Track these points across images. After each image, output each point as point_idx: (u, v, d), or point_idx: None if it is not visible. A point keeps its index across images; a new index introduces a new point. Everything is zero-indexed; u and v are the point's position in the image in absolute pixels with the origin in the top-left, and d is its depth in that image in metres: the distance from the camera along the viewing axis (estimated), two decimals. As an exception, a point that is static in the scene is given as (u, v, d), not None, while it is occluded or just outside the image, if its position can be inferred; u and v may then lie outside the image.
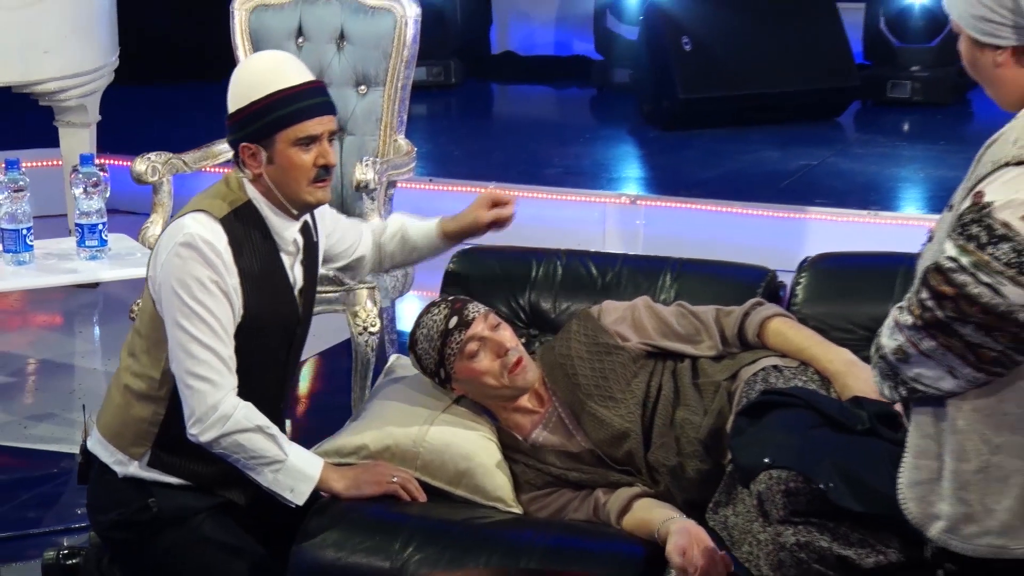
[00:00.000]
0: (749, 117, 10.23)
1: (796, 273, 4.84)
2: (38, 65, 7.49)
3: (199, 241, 4.31)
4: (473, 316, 4.50)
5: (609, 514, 4.37)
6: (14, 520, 5.74)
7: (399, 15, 6.39)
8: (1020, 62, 3.16)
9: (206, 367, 4.31)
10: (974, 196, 3.06)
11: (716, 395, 4.48)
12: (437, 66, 11.48)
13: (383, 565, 4.28)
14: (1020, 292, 2.97)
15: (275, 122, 4.34)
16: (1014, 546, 3.18)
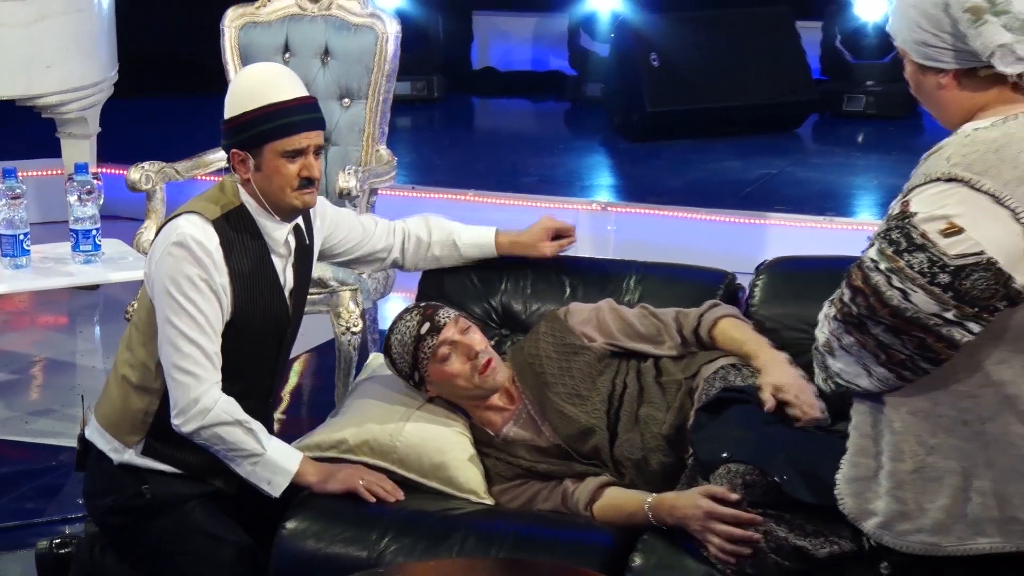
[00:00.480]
0: (713, 129, 10.20)
1: (754, 276, 4.79)
2: (41, 79, 7.45)
3: (191, 241, 4.29)
4: (444, 321, 4.46)
5: (578, 503, 4.31)
6: (14, 510, 5.69)
7: (380, 32, 6.34)
8: (961, 85, 3.10)
9: (191, 361, 4.29)
10: (903, 204, 3.02)
11: (678, 392, 4.43)
12: (421, 81, 11.44)
13: (361, 555, 4.24)
14: (927, 300, 2.93)
15: (264, 133, 4.33)
16: (946, 544, 3.13)
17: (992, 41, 3.01)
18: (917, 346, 2.98)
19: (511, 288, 4.94)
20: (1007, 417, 3.07)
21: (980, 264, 2.92)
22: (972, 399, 3.07)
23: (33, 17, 7.35)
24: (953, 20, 3.03)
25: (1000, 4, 3.02)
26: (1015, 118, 3.06)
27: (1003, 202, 2.95)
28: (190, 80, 9.65)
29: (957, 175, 2.98)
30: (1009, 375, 3.05)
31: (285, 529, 4.33)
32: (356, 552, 4.25)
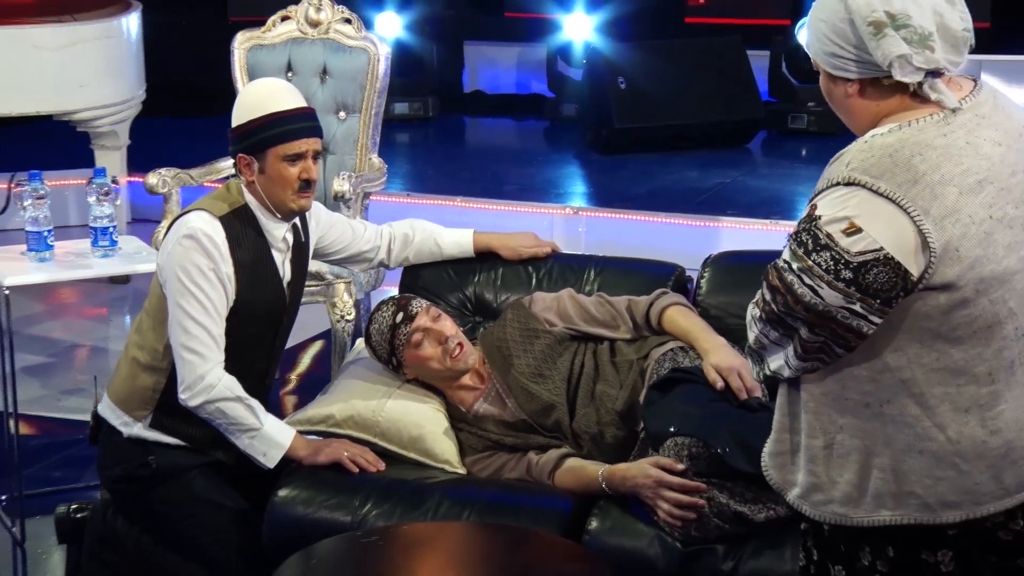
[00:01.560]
0: (673, 143, 10.09)
1: (700, 269, 4.69)
2: (75, 97, 7.36)
3: (200, 234, 4.23)
4: (416, 310, 4.38)
5: (541, 472, 4.22)
6: (42, 479, 5.58)
7: (372, 53, 6.26)
8: (865, 94, 2.98)
9: (197, 342, 4.20)
10: (809, 207, 2.92)
11: (630, 372, 4.33)
12: (417, 102, 11.35)
13: (345, 519, 4.14)
14: (834, 295, 2.82)
15: (267, 139, 4.27)
16: (854, 515, 3.02)
17: (891, 52, 2.89)
18: (830, 335, 2.87)
19: (483, 280, 4.82)
20: (903, 400, 2.96)
21: (879, 260, 2.81)
22: (872, 383, 2.96)
23: (68, 41, 7.27)
24: (857, 33, 2.91)
25: (900, 19, 2.89)
26: (909, 124, 2.93)
27: (897, 203, 2.83)
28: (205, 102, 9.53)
29: (856, 179, 2.87)
30: (904, 361, 2.94)
31: (277, 497, 4.23)
32: (340, 517, 4.15)
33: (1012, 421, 2.98)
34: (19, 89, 7.18)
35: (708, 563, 3.87)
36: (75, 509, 4.68)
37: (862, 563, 3.08)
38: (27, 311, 7.48)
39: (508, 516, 4.03)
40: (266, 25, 6.34)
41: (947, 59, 2.91)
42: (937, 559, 3.01)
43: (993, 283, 2.88)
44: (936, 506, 2.95)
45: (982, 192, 2.87)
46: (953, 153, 2.88)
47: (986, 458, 2.96)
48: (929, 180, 2.83)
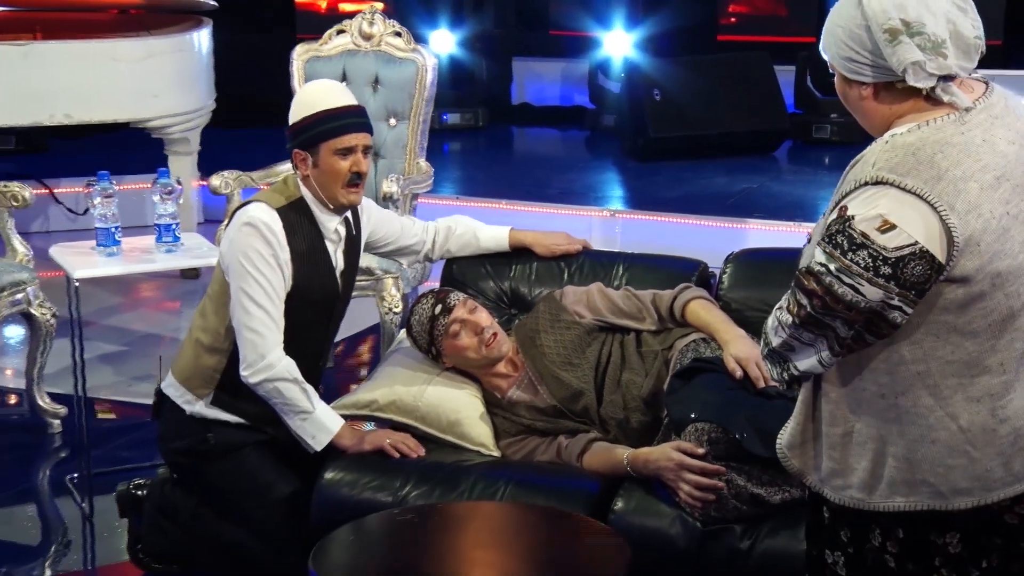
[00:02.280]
0: (704, 151, 9.99)
1: (723, 265, 4.58)
2: (149, 106, 7.34)
3: (259, 222, 4.18)
4: (454, 303, 4.30)
5: (570, 455, 4.13)
6: (111, 459, 5.50)
7: (420, 64, 6.18)
8: (879, 97, 2.87)
9: (259, 323, 4.16)
10: (839, 210, 2.79)
11: (655, 361, 4.23)
12: (469, 113, 11.31)
13: (387, 499, 4.06)
14: (875, 291, 2.71)
15: (321, 134, 4.22)
16: (870, 500, 2.93)
17: (906, 59, 2.79)
18: (865, 327, 2.77)
19: (518, 274, 4.72)
20: (917, 391, 2.86)
21: (916, 253, 2.70)
22: (889, 375, 2.86)
23: (144, 54, 7.25)
24: (873, 39, 2.81)
25: (915, 26, 2.80)
26: (928, 124, 2.82)
27: (925, 198, 2.72)
28: (271, 113, 9.48)
29: (883, 178, 2.76)
30: (920, 354, 2.83)
31: (324, 479, 4.15)
32: (383, 497, 4.07)
33: (1020, 409, 2.87)
34: (99, 97, 7.16)
35: (726, 542, 3.78)
36: (135, 486, 4.63)
37: (872, 544, 2.99)
38: (106, 303, 7.47)
39: (539, 496, 3.93)
40: (323, 38, 6.29)
41: (959, 65, 2.82)
42: (945, 540, 2.92)
43: (1009, 277, 2.78)
44: (948, 493, 2.86)
45: (1000, 188, 2.78)
46: (972, 150, 2.78)
47: (996, 445, 2.86)
48: (952, 176, 2.73)
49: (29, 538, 5.10)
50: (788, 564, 3.60)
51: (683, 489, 3.79)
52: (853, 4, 2.84)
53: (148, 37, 7.38)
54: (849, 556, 3.03)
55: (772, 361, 2.95)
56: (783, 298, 2.89)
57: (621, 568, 3.34)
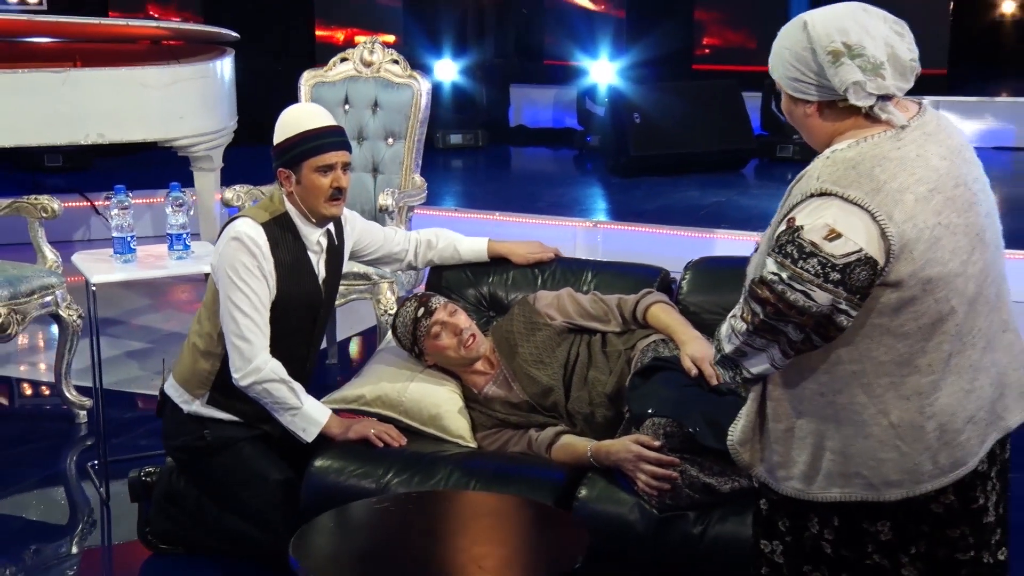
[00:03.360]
0: (679, 168, 9.88)
1: (683, 272, 4.44)
2: (176, 127, 7.17)
3: (245, 237, 4.06)
4: (436, 306, 4.18)
5: (540, 446, 3.99)
6: (129, 447, 5.36)
7: (416, 89, 6.01)
8: (823, 115, 2.78)
9: (245, 330, 4.04)
10: (787, 221, 2.68)
11: (619, 360, 4.09)
12: (469, 134, 11.22)
13: (371, 486, 3.92)
14: (825, 296, 2.62)
15: (302, 153, 4.09)
16: (810, 490, 2.84)
17: (848, 79, 2.70)
18: (815, 331, 2.67)
19: (496, 280, 4.58)
20: (853, 390, 2.77)
21: (861, 260, 2.61)
22: (827, 375, 2.77)
23: (170, 80, 7.10)
24: (818, 61, 2.71)
25: (856, 49, 2.71)
26: (866, 140, 2.73)
27: (866, 208, 2.64)
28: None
29: (828, 189, 2.66)
30: (856, 355, 2.74)
31: (313, 467, 4.02)
32: (367, 484, 3.93)
33: (946, 406, 2.78)
34: (130, 120, 7.02)
35: (680, 528, 3.65)
36: (145, 473, 4.51)
37: (810, 532, 2.90)
38: (137, 304, 7.37)
39: (510, 485, 3.79)
40: (328, 65, 6.14)
41: (896, 85, 2.73)
42: (877, 528, 2.85)
43: (939, 283, 2.69)
44: (880, 485, 2.78)
45: (932, 200, 2.69)
46: (907, 164, 2.69)
47: (923, 441, 2.77)
48: (889, 188, 2.65)
49: (55, 518, 4.99)
50: (737, 548, 3.47)
51: (641, 479, 3.67)
52: (799, 28, 2.75)
53: (175, 65, 7.24)
54: (787, 544, 2.94)
55: (724, 366, 2.85)
56: (736, 307, 2.79)
57: (580, 552, 3.21)
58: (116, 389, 6.08)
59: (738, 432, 2.95)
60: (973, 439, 2.82)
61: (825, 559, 2.88)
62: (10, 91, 6.65)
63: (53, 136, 6.95)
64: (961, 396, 2.79)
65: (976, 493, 2.87)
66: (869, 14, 2.75)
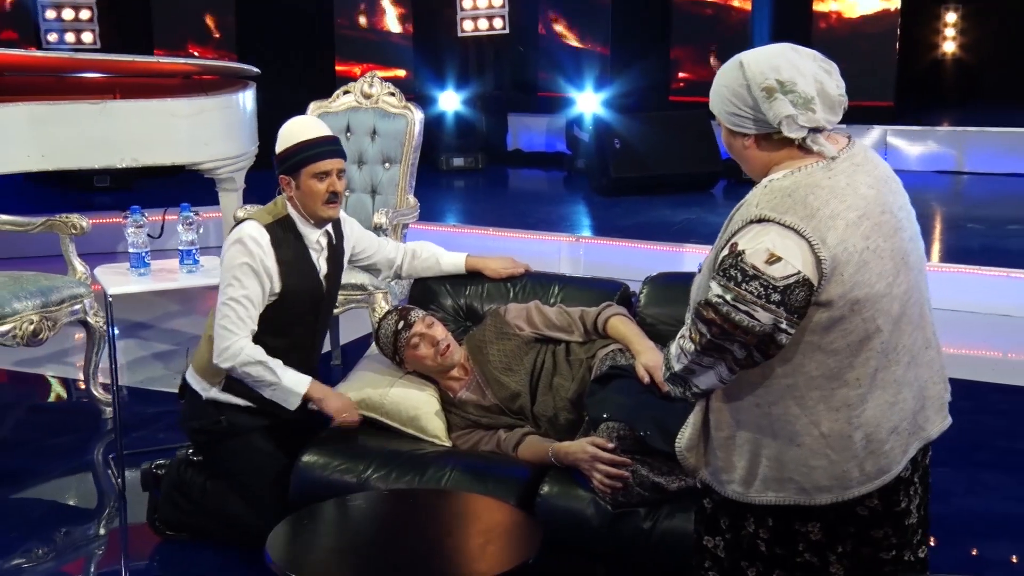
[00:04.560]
0: (654, 189, 9.70)
1: (641, 286, 4.26)
2: (201, 152, 7.03)
3: (247, 238, 3.94)
4: (414, 320, 4.01)
5: (508, 446, 3.83)
6: (148, 440, 5.20)
7: (410, 119, 5.86)
8: (759, 146, 2.66)
9: (228, 320, 3.93)
10: (730, 247, 2.56)
11: (580, 368, 3.92)
12: (470, 157, 11.08)
13: (352, 480, 3.77)
14: (768, 315, 2.50)
15: (301, 161, 3.97)
16: (748, 494, 2.73)
17: (781, 113, 2.58)
18: (757, 348, 2.55)
19: (472, 292, 4.40)
20: (787, 402, 2.64)
21: (799, 281, 2.49)
22: (764, 388, 2.65)
23: (196, 111, 6.98)
24: (753, 97, 2.60)
25: (788, 85, 2.59)
26: (800, 170, 2.61)
27: (801, 233, 2.52)
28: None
29: (766, 216, 2.55)
30: (789, 370, 2.62)
31: (300, 461, 3.88)
32: (349, 479, 3.77)
33: (872, 418, 2.65)
34: (159, 146, 6.90)
35: (632, 522, 3.49)
36: (156, 465, 4.36)
37: (747, 531, 2.78)
38: (166, 310, 7.19)
39: (479, 481, 3.63)
40: (332, 97, 5.99)
41: (826, 118, 2.61)
42: (808, 529, 2.73)
43: (866, 304, 2.56)
44: (811, 490, 2.67)
45: (861, 226, 2.56)
46: (838, 192, 2.57)
47: (851, 450, 2.65)
48: (822, 215, 2.53)
49: (79, 504, 4.85)
50: (683, 542, 3.30)
51: (596, 477, 3.51)
52: (735, 67, 2.64)
53: (201, 97, 7.09)
54: (727, 541, 2.82)
55: (674, 383, 2.72)
56: (684, 328, 2.67)
57: (535, 547, 3.05)
58: (142, 387, 5.96)
59: (685, 439, 2.83)
60: (897, 448, 2.71)
61: (760, 556, 2.78)
62: (54, 120, 6.57)
63: (92, 160, 6.84)
64: (886, 408, 2.67)
65: (899, 497, 2.77)
66: (799, 53, 2.64)
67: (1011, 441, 5.14)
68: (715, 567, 2.85)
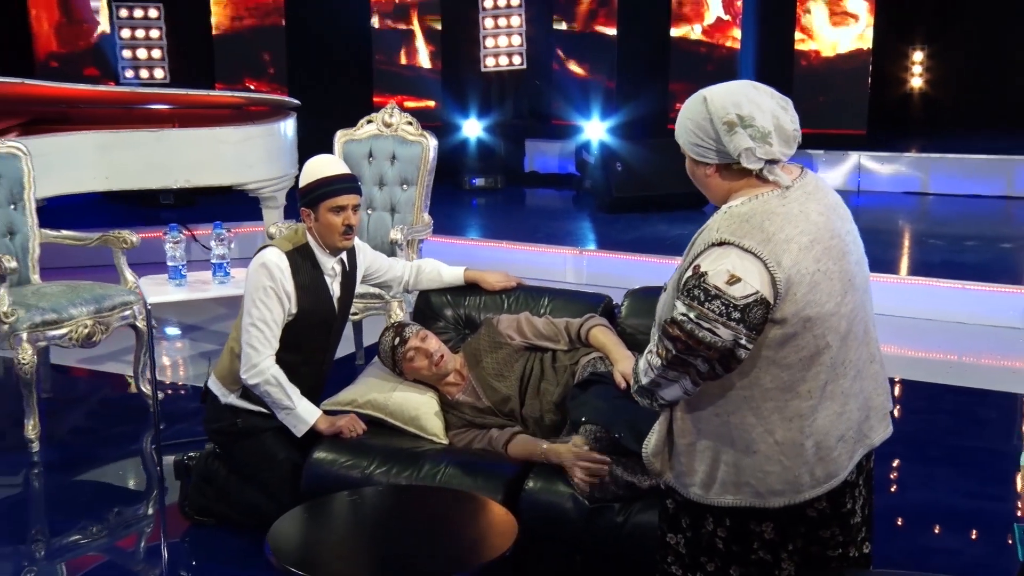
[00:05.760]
0: (652, 207, 9.50)
1: (623, 298, 4.10)
2: (246, 173, 6.96)
3: (269, 263, 3.82)
4: (409, 335, 3.88)
5: (498, 444, 3.68)
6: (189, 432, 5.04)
7: (425, 145, 5.72)
8: (721, 175, 2.54)
9: (256, 340, 3.80)
10: (693, 268, 2.44)
11: (565, 374, 3.77)
12: (491, 178, 10.91)
13: (357, 475, 3.63)
14: (729, 332, 2.39)
15: (319, 196, 3.84)
16: (708, 496, 2.60)
17: (740, 145, 2.47)
18: (719, 362, 2.42)
19: (470, 304, 4.25)
20: (744, 412, 2.52)
21: (757, 300, 2.38)
22: (723, 399, 2.52)
23: (242, 138, 6.90)
24: (715, 130, 2.49)
25: (747, 120, 2.47)
26: (757, 197, 2.50)
27: (759, 256, 2.40)
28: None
29: (727, 239, 2.43)
30: (746, 382, 2.50)
31: (312, 457, 3.74)
32: (354, 474, 3.63)
33: (821, 427, 2.53)
34: (210, 169, 6.83)
35: (607, 516, 3.34)
36: (188, 457, 4.25)
37: (706, 529, 2.66)
38: (216, 313, 7.05)
39: (471, 476, 3.49)
40: (356, 126, 5.86)
41: (781, 151, 2.49)
42: (762, 528, 2.62)
43: (817, 322, 2.44)
44: (766, 493, 2.56)
45: (813, 250, 2.44)
46: (791, 218, 2.45)
47: (803, 457, 2.52)
48: (777, 239, 2.42)
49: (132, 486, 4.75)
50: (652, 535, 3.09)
51: (576, 474, 3.37)
52: (699, 102, 2.51)
53: (247, 125, 7.01)
54: (688, 538, 2.70)
55: (641, 395, 2.60)
56: (650, 344, 2.55)
57: (511, 539, 2.92)
58: (189, 384, 5.81)
59: (652, 445, 2.70)
60: (843, 455, 2.59)
61: (718, 552, 2.66)
62: (117, 146, 6.54)
63: (149, 181, 6.81)
64: (834, 418, 2.55)
65: (845, 500, 2.66)
66: (758, 91, 2.52)
67: (960, 439, 4.97)
68: (677, 562, 2.74)
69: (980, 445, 4.89)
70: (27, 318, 4.89)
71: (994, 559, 3.85)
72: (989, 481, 4.49)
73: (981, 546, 3.98)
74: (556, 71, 11.87)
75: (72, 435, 5.21)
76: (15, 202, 5.35)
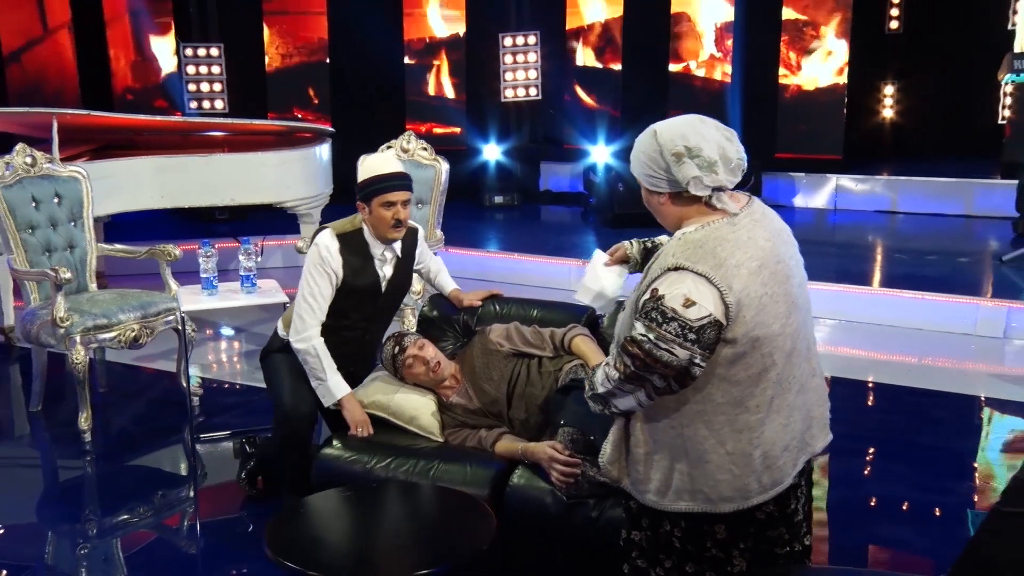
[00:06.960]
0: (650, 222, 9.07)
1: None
2: (285, 193, 6.91)
3: (322, 245, 3.73)
4: (407, 344, 3.75)
5: (487, 443, 3.56)
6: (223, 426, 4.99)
7: (438, 169, 5.65)
8: (673, 203, 2.43)
9: (304, 311, 3.73)
10: (651, 291, 2.32)
11: (549, 379, 3.64)
12: (508, 196, 10.80)
13: (359, 470, 3.50)
14: (684, 352, 2.27)
15: (373, 192, 3.73)
16: (663, 502, 2.49)
17: (688, 174, 2.36)
18: (675, 379, 2.31)
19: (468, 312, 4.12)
20: (697, 424, 2.40)
21: (711, 322, 2.26)
22: (677, 412, 2.41)
23: (281, 161, 6.84)
24: (665, 160, 2.37)
25: (694, 151, 2.36)
26: (708, 224, 2.38)
27: (712, 280, 2.28)
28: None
29: (682, 264, 2.31)
30: (699, 397, 2.38)
31: (321, 452, 3.61)
32: (357, 468, 3.51)
33: (768, 438, 2.42)
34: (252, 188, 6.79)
35: (582, 511, 3.21)
36: (246, 442, 4.29)
37: (664, 529, 2.56)
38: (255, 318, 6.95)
39: (460, 472, 3.37)
40: (378, 150, 5.73)
41: (727, 179, 2.39)
42: (714, 529, 2.52)
43: (764, 342, 2.34)
44: (717, 500, 2.46)
45: (761, 274, 2.32)
46: (741, 244, 2.33)
47: (751, 466, 2.42)
48: (729, 264, 2.31)
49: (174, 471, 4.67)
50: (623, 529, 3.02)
51: (552, 473, 3.24)
52: (650, 136, 2.42)
53: (286, 150, 6.94)
54: (648, 537, 2.59)
55: (595, 402, 2.48)
56: (610, 357, 2.43)
57: (491, 534, 2.80)
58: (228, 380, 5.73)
59: (607, 455, 2.59)
60: (788, 463, 2.47)
61: (675, 550, 2.55)
62: (172, 169, 6.54)
63: (200, 200, 6.78)
64: (780, 430, 2.43)
65: (790, 501, 2.56)
66: (705, 124, 2.40)
67: (914, 436, 4.80)
68: (641, 556, 2.63)
69: (934, 443, 4.73)
70: (80, 323, 4.82)
71: (942, 546, 3.70)
72: (942, 475, 4.33)
73: (932, 535, 3.83)
74: (568, 101, 11.73)
75: (123, 426, 5.14)
76: (75, 219, 5.29)
